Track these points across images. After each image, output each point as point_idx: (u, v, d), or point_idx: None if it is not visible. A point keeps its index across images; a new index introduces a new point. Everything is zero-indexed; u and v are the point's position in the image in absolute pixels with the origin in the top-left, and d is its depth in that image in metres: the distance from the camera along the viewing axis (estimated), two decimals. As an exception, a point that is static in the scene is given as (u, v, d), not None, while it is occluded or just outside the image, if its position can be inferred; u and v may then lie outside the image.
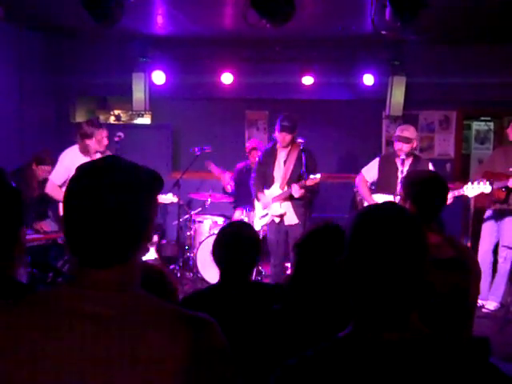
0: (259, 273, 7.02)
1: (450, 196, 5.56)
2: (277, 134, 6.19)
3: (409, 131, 6.00)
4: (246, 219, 7.09)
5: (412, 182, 3.31)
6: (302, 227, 6.20)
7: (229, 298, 2.80)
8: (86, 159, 5.75)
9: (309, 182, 5.96)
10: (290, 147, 6.27)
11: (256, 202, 6.65)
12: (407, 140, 5.96)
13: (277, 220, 6.35)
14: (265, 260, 6.85)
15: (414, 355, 1.34)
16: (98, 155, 6.02)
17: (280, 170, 6.31)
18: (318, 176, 5.95)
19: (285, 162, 6.29)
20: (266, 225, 6.51)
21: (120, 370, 1.29)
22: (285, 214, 6.29)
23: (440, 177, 3.27)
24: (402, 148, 5.98)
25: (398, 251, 1.38)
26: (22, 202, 1.88)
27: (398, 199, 5.79)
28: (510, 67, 7.74)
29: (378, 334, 1.38)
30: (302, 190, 6.04)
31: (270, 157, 6.37)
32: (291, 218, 6.30)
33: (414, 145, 6.09)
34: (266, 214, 6.42)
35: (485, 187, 5.79)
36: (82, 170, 1.43)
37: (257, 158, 6.79)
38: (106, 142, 5.87)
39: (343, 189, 8.51)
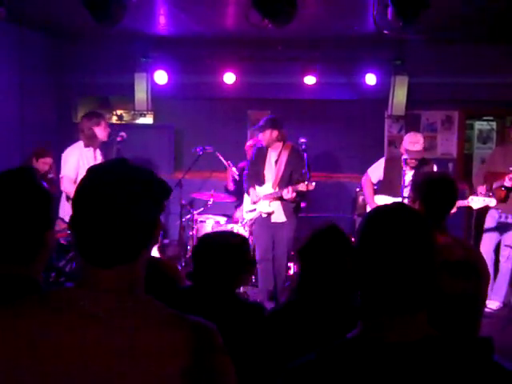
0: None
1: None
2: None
3: (419, 143, 6.05)
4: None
5: (421, 182, 3.33)
6: (288, 226, 6.39)
7: (202, 302, 2.75)
8: (90, 153, 5.95)
9: (301, 188, 6.08)
10: (280, 147, 6.42)
11: (245, 197, 6.79)
12: (420, 154, 6.05)
13: (264, 215, 6.51)
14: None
15: (421, 357, 1.35)
16: (99, 154, 6.13)
17: (271, 170, 6.45)
18: (313, 184, 6.05)
19: (276, 161, 6.44)
20: (253, 219, 6.60)
21: (120, 370, 1.30)
22: (272, 212, 6.45)
23: (449, 178, 3.28)
24: (414, 161, 6.05)
25: (406, 252, 1.39)
26: (51, 204, 1.87)
27: (403, 200, 5.83)
28: (512, 67, 7.74)
29: (386, 335, 1.39)
30: (294, 194, 6.18)
31: (260, 156, 6.55)
32: (278, 216, 6.45)
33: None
34: (254, 209, 6.55)
35: (490, 201, 5.83)
36: (92, 171, 1.46)
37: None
38: (108, 130, 6.17)
39: (345, 188, 8.52)
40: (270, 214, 6.46)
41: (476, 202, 5.86)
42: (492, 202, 5.86)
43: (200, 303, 2.72)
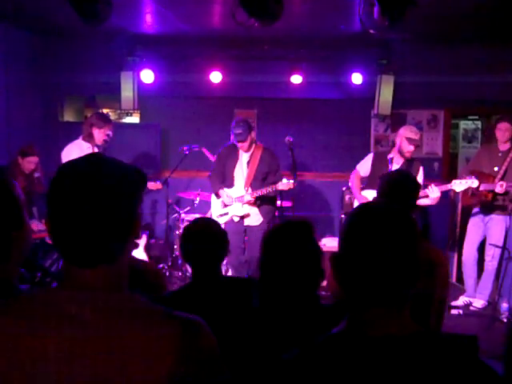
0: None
1: (438, 190, 5.64)
2: (235, 143, 6.24)
3: (418, 133, 6.11)
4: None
5: (381, 182, 3.41)
6: (261, 229, 6.23)
7: (203, 295, 2.81)
8: (90, 150, 5.98)
9: (282, 187, 6.05)
10: (253, 148, 6.33)
11: (213, 200, 6.64)
12: (419, 143, 6.11)
13: (236, 219, 6.37)
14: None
15: (406, 352, 1.36)
16: (96, 149, 6.13)
17: (242, 171, 6.34)
18: (291, 182, 6.06)
19: (248, 162, 6.33)
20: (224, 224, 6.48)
21: (108, 371, 1.29)
22: (248, 215, 6.34)
23: (406, 179, 3.33)
24: (412, 150, 6.06)
25: (390, 246, 1.40)
26: (16, 203, 1.84)
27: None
28: (498, 66, 7.78)
29: (371, 329, 1.40)
30: (252, 199, 6.23)
31: (230, 156, 6.39)
32: (253, 220, 6.37)
33: None
34: (226, 213, 6.40)
35: (472, 182, 5.85)
36: (64, 168, 1.42)
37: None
38: (108, 138, 6.27)
39: (331, 188, 8.54)
40: (243, 218, 6.36)
41: (458, 184, 5.89)
42: (474, 182, 5.88)
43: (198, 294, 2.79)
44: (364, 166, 6.44)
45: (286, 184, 6.02)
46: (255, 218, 6.37)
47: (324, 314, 2.33)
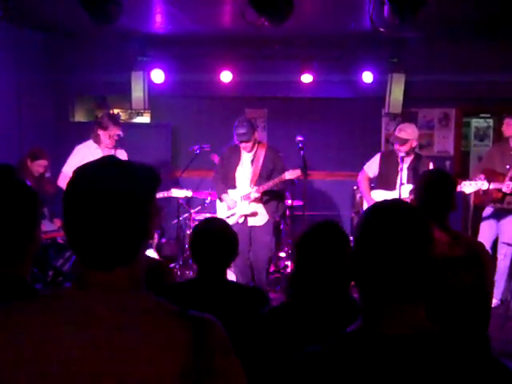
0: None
1: None
2: (238, 143, 6.12)
3: (406, 131, 5.99)
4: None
5: (418, 180, 3.39)
6: (265, 229, 6.22)
7: (205, 293, 2.80)
8: (98, 150, 5.96)
9: (288, 176, 5.98)
10: (256, 147, 6.24)
11: (218, 203, 6.55)
12: (402, 141, 5.97)
13: (241, 220, 6.29)
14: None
15: (420, 351, 1.35)
16: (107, 151, 6.12)
17: (244, 171, 6.25)
18: (298, 170, 5.98)
19: (252, 161, 6.24)
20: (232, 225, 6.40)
21: (120, 370, 1.30)
22: (255, 213, 6.25)
23: (443, 177, 3.28)
24: (399, 149, 6.00)
25: (403, 244, 1.40)
26: (36, 202, 1.85)
27: (400, 194, 5.85)
28: (509, 64, 7.74)
29: (385, 329, 1.40)
30: (259, 194, 6.12)
31: (232, 157, 6.30)
32: (258, 219, 6.28)
33: (414, 144, 6.08)
34: (233, 214, 6.31)
35: (482, 184, 5.82)
36: (79, 171, 1.44)
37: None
38: (115, 138, 6.18)
39: (342, 187, 8.52)
40: (249, 216, 6.26)
41: (468, 186, 5.85)
42: (484, 184, 5.84)
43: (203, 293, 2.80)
44: (372, 167, 6.41)
45: (292, 173, 5.94)
46: (260, 217, 6.28)
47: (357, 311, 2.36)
